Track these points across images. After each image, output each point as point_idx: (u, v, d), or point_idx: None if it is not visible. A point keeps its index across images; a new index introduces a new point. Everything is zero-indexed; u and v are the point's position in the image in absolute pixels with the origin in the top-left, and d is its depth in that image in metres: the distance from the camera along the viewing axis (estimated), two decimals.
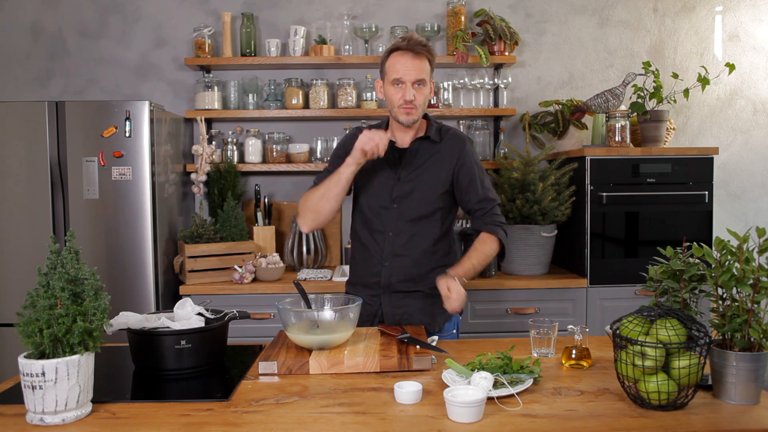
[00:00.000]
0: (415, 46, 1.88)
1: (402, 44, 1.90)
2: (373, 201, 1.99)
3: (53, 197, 2.75)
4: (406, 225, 1.96)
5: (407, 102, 1.89)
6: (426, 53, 1.91)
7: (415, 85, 1.89)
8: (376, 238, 1.98)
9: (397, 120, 1.95)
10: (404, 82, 1.89)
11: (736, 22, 3.47)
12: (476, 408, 1.22)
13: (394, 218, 1.96)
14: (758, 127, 3.51)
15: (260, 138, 3.27)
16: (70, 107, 2.73)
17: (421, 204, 1.96)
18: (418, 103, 1.91)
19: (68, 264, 1.26)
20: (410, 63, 1.88)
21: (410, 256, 1.97)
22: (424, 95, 1.93)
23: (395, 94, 1.91)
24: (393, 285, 1.97)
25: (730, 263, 1.33)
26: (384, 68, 1.95)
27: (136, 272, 2.76)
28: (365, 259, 2.02)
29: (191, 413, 1.30)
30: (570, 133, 3.18)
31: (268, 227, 3.16)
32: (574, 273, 2.97)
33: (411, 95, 1.88)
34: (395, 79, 1.90)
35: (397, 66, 1.89)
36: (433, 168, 1.97)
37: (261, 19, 3.39)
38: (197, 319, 1.63)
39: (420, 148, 1.99)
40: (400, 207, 1.96)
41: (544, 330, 1.67)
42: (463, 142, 2.02)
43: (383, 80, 1.97)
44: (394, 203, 1.96)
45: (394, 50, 1.92)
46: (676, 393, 1.27)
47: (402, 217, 1.96)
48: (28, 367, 1.21)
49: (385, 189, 1.97)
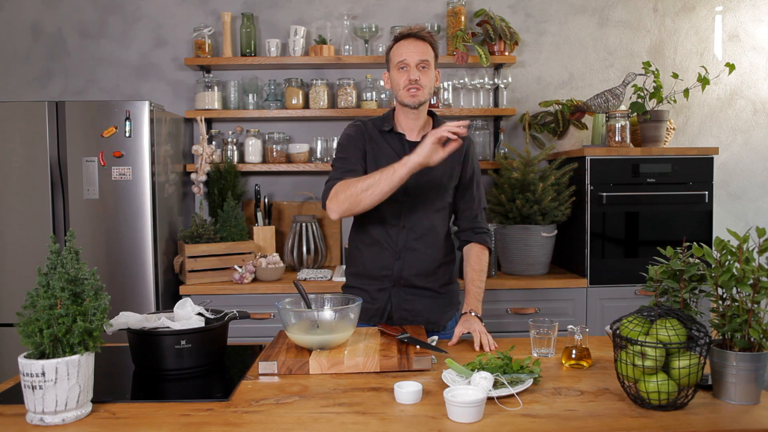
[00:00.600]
0: (417, 31, 1.90)
1: (405, 31, 1.92)
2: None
3: (53, 197, 2.75)
4: (420, 218, 1.96)
5: (411, 81, 1.87)
6: (429, 38, 1.91)
7: (419, 67, 1.88)
8: (389, 231, 1.96)
9: (403, 103, 1.92)
10: (408, 64, 1.88)
11: (736, 22, 3.47)
12: (476, 408, 1.22)
13: (407, 211, 1.95)
14: (758, 127, 3.51)
15: (260, 138, 3.27)
16: (70, 107, 2.73)
17: (435, 198, 1.97)
18: (423, 83, 1.88)
19: (68, 264, 1.26)
20: (413, 45, 1.89)
21: (423, 250, 1.97)
22: (429, 77, 1.90)
23: (400, 77, 1.90)
24: (405, 279, 1.96)
25: (730, 263, 1.33)
26: (389, 57, 1.95)
27: (136, 272, 2.76)
28: (375, 253, 1.99)
29: (191, 413, 1.30)
30: (570, 133, 3.19)
31: (268, 227, 3.16)
32: (574, 273, 2.97)
33: (416, 75, 1.87)
34: (399, 62, 1.89)
35: (401, 49, 1.90)
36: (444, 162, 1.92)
37: (261, 19, 3.39)
38: (197, 319, 1.63)
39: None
40: (413, 200, 1.95)
41: (544, 330, 1.67)
42: (470, 140, 2.04)
43: (389, 70, 1.96)
44: (407, 197, 1.94)
45: (397, 39, 1.93)
46: (676, 393, 1.27)
47: (416, 210, 1.96)
48: (28, 367, 1.21)
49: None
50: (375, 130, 1.99)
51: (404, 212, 1.95)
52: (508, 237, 2.92)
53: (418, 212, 1.96)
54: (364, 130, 1.99)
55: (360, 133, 1.98)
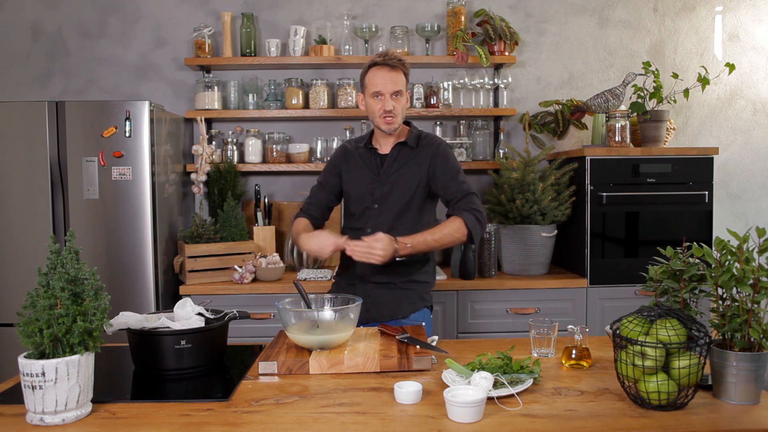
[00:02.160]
0: (390, 60, 2.09)
1: (379, 60, 2.10)
2: (358, 203, 2.20)
3: (53, 197, 2.75)
4: (385, 222, 2.13)
5: (387, 112, 2.10)
6: (401, 66, 2.11)
7: (393, 96, 2.10)
8: (357, 234, 2.09)
9: (380, 129, 2.16)
10: (383, 94, 2.09)
11: (736, 22, 3.47)
12: (476, 408, 1.22)
13: (374, 216, 2.16)
14: (758, 127, 3.51)
15: (260, 138, 3.27)
16: (70, 107, 2.73)
17: (399, 203, 2.15)
18: (397, 111, 2.11)
19: (68, 264, 1.26)
20: (387, 76, 2.09)
21: None
22: (401, 104, 2.13)
23: (376, 105, 2.12)
24: (366, 276, 2.15)
25: (730, 263, 1.33)
26: (364, 82, 2.16)
27: (136, 272, 2.76)
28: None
29: (191, 413, 1.30)
30: (570, 133, 3.19)
31: (268, 227, 3.16)
32: (574, 273, 2.97)
33: (390, 105, 2.09)
34: (375, 92, 2.10)
35: (376, 80, 2.09)
36: (409, 171, 2.16)
37: (261, 19, 3.39)
38: (197, 319, 1.63)
39: (399, 153, 2.18)
40: (380, 207, 2.16)
41: (544, 330, 1.67)
42: (438, 145, 2.19)
43: (364, 93, 2.17)
44: (376, 203, 2.16)
45: (372, 66, 2.12)
46: (676, 393, 1.27)
47: (382, 215, 2.15)
48: (28, 367, 1.21)
49: (368, 191, 2.17)
50: (357, 145, 2.26)
51: (371, 217, 2.16)
52: (508, 237, 2.92)
53: (384, 217, 2.15)
54: (345, 153, 2.28)
55: (340, 157, 2.28)
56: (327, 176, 2.29)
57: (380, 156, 2.21)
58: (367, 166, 2.21)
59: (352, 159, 2.25)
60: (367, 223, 2.16)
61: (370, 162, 2.21)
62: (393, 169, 2.16)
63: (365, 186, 2.18)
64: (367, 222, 2.16)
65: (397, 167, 2.16)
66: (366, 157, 2.22)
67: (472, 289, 2.79)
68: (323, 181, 2.29)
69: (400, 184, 2.15)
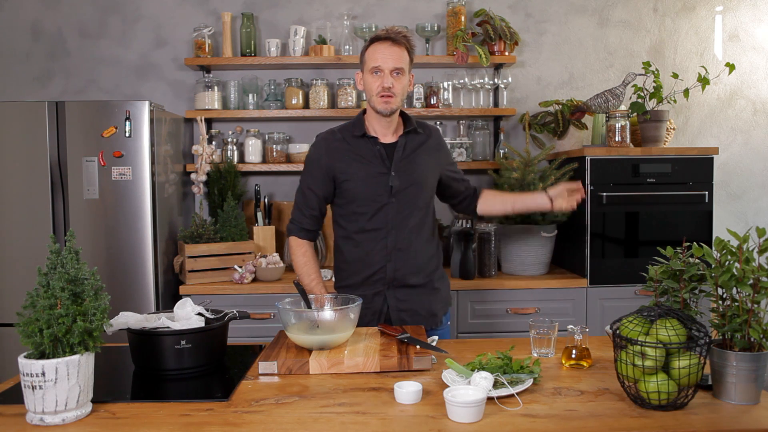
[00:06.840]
0: (394, 35, 1.88)
1: (382, 34, 1.90)
2: (369, 201, 1.95)
3: (53, 197, 2.75)
4: (406, 218, 1.97)
5: (385, 89, 1.88)
6: (405, 42, 1.90)
7: (393, 74, 1.88)
8: (376, 236, 1.97)
9: (375, 109, 1.93)
10: (382, 70, 1.87)
11: (736, 22, 3.47)
12: (476, 408, 1.22)
13: (393, 212, 1.96)
14: (758, 127, 3.51)
15: (260, 138, 3.27)
16: (70, 107, 2.73)
17: (419, 195, 1.99)
18: (396, 91, 1.89)
19: (68, 264, 1.26)
20: (388, 51, 1.87)
21: (413, 248, 1.99)
22: (402, 84, 1.91)
23: (374, 82, 1.90)
24: (399, 279, 1.97)
25: (730, 263, 1.33)
26: (363, 58, 1.94)
27: (136, 272, 2.76)
28: (363, 259, 1.99)
29: (191, 413, 1.30)
30: (570, 133, 3.19)
31: (268, 227, 3.16)
32: (574, 273, 2.97)
33: (389, 82, 1.87)
34: (374, 67, 1.89)
35: (376, 54, 1.88)
36: (423, 160, 2.00)
37: (261, 19, 3.39)
38: (197, 319, 1.63)
39: (407, 141, 2.00)
40: (398, 201, 1.96)
41: (544, 330, 1.67)
42: (438, 134, 2.11)
43: (363, 71, 1.95)
44: (393, 197, 1.95)
45: (373, 40, 1.91)
46: (676, 393, 1.27)
47: (402, 210, 1.96)
48: (28, 367, 1.21)
49: (381, 185, 1.95)
50: (345, 136, 1.99)
51: (391, 213, 1.96)
52: (508, 237, 2.92)
53: (404, 212, 1.96)
54: (327, 146, 1.99)
55: (320, 153, 1.99)
56: (313, 180, 1.99)
57: (384, 146, 1.97)
58: (370, 158, 1.95)
59: (343, 153, 1.97)
60: (386, 220, 1.95)
61: (372, 153, 1.95)
62: (407, 158, 1.97)
63: (377, 180, 1.94)
64: (384, 219, 1.95)
65: (411, 156, 1.98)
66: (364, 148, 1.96)
67: (472, 289, 2.79)
68: (312, 187, 1.99)
69: (417, 174, 1.97)
